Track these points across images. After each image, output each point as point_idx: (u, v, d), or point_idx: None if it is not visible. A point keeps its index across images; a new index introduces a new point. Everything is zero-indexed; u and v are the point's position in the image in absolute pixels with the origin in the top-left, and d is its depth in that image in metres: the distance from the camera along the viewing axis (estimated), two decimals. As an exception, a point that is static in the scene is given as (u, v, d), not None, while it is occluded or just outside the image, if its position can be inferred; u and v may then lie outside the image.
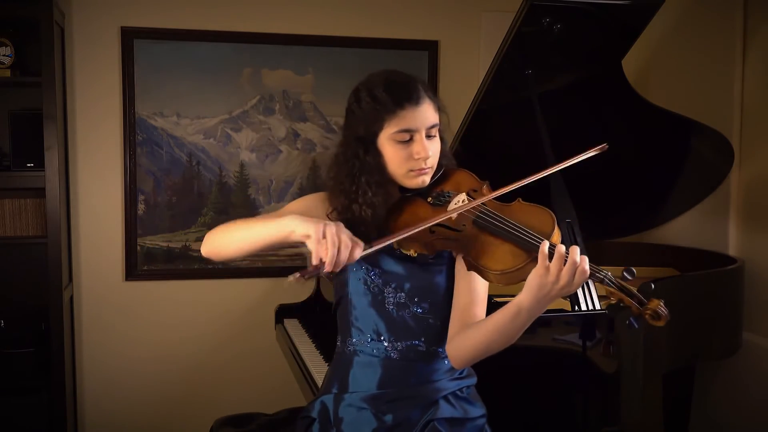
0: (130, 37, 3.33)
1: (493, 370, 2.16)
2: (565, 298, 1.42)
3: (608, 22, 2.42)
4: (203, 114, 3.45)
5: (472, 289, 1.60)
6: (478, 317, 1.60)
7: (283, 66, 3.51)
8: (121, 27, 3.33)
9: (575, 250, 1.36)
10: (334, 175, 1.64)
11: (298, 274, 1.35)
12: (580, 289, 2.24)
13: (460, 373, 1.70)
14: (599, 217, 2.83)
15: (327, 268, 1.36)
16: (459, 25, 3.66)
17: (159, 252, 3.45)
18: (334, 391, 1.69)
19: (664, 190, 3.07)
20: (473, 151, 2.56)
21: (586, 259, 1.38)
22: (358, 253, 1.38)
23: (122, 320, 3.45)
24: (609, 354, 2.23)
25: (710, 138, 2.84)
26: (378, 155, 1.58)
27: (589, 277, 1.39)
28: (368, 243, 1.43)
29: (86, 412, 3.45)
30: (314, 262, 1.37)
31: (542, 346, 2.20)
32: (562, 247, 1.37)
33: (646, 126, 2.82)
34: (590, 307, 2.23)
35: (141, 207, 3.42)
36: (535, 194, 2.44)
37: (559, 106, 2.54)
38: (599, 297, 2.27)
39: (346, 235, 1.38)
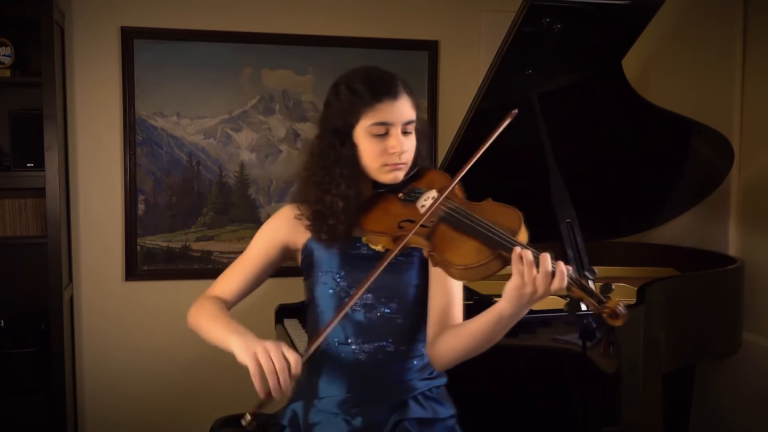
0: (130, 37, 3.33)
1: (494, 369, 2.16)
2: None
3: (608, 22, 2.42)
4: (203, 114, 3.45)
5: (448, 290, 1.59)
6: (455, 318, 1.59)
7: (283, 66, 3.51)
8: (121, 27, 3.33)
9: (546, 258, 1.33)
10: (309, 166, 1.63)
11: (249, 417, 1.38)
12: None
13: (430, 374, 1.67)
14: (599, 217, 2.83)
15: (276, 396, 1.37)
16: (459, 25, 3.66)
17: (159, 252, 3.45)
18: (304, 397, 1.68)
19: (664, 190, 3.06)
20: (472, 150, 2.56)
21: (561, 264, 1.34)
22: (298, 368, 1.39)
23: (122, 320, 3.44)
24: (609, 354, 2.23)
25: (710, 138, 2.84)
26: (353, 147, 1.57)
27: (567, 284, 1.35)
28: (310, 340, 1.45)
29: (86, 412, 3.44)
30: (260, 395, 1.39)
31: (542, 346, 2.20)
32: (530, 255, 1.34)
33: (646, 126, 2.81)
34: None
35: (141, 207, 3.42)
36: (535, 194, 2.45)
37: (559, 106, 2.54)
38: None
39: (278, 358, 1.39)
